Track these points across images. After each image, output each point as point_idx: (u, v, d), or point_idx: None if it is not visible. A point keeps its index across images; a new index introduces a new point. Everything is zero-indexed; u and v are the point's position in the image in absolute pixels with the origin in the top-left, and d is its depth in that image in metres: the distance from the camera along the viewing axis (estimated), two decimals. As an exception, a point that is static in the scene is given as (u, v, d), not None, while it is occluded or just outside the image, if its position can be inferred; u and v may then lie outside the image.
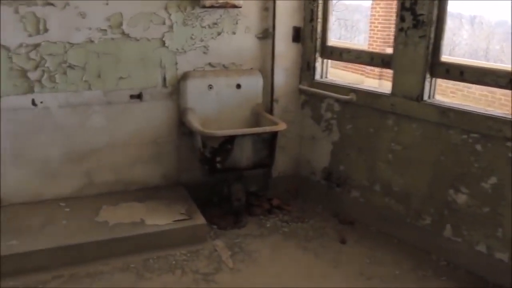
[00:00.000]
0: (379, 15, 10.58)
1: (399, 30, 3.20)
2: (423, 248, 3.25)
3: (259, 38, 3.88)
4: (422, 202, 3.27)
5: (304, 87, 3.97)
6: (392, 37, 3.44)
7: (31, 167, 3.49)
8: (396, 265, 3.10)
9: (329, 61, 3.94)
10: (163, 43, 3.60)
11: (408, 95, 3.21)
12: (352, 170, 3.71)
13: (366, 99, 3.50)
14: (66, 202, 3.52)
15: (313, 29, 3.83)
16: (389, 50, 4.14)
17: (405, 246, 3.31)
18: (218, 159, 3.35)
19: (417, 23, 3.10)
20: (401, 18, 3.19)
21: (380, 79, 10.16)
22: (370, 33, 10.83)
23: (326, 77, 3.96)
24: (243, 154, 3.41)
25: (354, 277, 2.98)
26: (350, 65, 10.31)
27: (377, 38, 10.47)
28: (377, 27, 10.51)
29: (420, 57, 3.12)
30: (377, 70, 10.13)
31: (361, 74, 10.71)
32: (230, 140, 3.33)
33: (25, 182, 3.50)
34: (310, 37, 3.87)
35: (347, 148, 3.72)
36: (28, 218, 3.28)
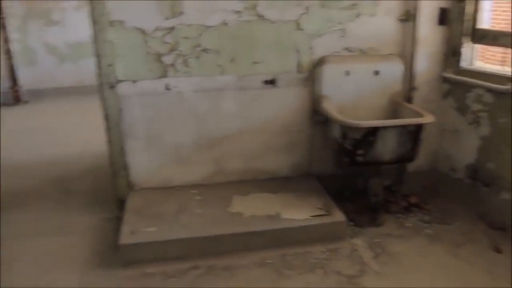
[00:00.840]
0: (504, -5, 9.68)
1: None
2: None
3: (400, 20, 3.55)
4: None
5: (448, 74, 3.59)
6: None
7: (163, 152, 3.45)
8: None
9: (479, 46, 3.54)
10: (299, 26, 3.39)
11: None
12: (505, 169, 3.29)
13: (529, 90, 3.07)
14: (196, 189, 3.44)
15: (462, 10, 3.44)
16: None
17: None
18: (359, 151, 3.10)
19: None
20: None
21: (502, 65, 9.29)
22: (492, 14, 9.96)
23: (473, 64, 3.56)
24: (386, 147, 3.13)
25: (518, 293, 2.63)
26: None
27: (501, 19, 9.63)
28: (500, 7, 9.66)
29: None
30: (499, 55, 9.31)
31: (480, 59, 9.87)
32: (373, 131, 3.06)
33: (157, 167, 3.47)
34: (458, 19, 3.48)
35: (500, 144, 3.31)
36: (162, 205, 3.24)
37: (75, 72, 7.74)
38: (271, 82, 3.43)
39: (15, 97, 7.37)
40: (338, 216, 3.08)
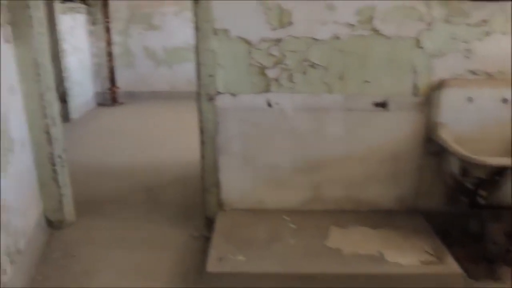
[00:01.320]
0: None
1: None
2: None
3: (538, 41, 3.08)
4: None
5: None
6: None
7: (257, 172, 3.22)
8: None
9: None
10: (418, 43, 3.02)
11: None
12: None
13: None
14: (290, 215, 3.17)
15: None
16: None
17: None
18: (482, 192, 2.68)
19: None
20: None
21: None
22: None
23: None
24: (514, 190, 2.69)
25: None
26: None
27: None
28: None
29: None
30: None
31: None
32: (501, 170, 2.64)
33: (250, 188, 3.26)
34: None
35: None
36: (252, 229, 3.00)
37: (169, 77, 7.80)
38: (382, 105, 3.09)
39: (112, 98, 7.53)
40: (453, 266, 2.66)
